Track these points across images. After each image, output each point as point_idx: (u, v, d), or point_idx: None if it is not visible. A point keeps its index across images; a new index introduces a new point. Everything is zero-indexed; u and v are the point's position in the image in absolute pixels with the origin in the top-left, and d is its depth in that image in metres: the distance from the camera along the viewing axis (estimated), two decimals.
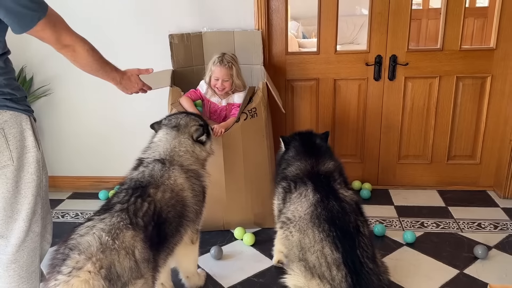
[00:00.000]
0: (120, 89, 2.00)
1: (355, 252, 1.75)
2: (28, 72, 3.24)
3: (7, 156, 1.57)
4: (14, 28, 1.48)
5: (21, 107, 1.61)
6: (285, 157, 2.25)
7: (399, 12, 2.94)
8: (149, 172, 1.78)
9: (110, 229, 1.44)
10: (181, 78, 2.94)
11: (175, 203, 1.76)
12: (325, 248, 1.75)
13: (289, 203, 1.97)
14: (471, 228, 2.75)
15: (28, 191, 1.65)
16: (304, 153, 2.17)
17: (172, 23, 3.01)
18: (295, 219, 1.88)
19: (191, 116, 2.09)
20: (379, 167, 3.33)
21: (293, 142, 2.29)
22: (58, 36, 1.57)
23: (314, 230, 1.79)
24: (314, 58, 3.13)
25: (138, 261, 1.44)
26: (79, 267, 1.31)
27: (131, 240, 1.46)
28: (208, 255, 2.54)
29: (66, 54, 1.66)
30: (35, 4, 1.46)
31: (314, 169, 2.05)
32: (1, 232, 1.65)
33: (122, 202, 1.59)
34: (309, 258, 1.78)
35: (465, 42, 3.02)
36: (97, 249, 1.36)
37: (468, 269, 2.36)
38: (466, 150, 3.21)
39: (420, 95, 3.12)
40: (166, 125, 2.02)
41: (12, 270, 1.68)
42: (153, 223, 1.58)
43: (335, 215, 1.82)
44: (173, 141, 1.94)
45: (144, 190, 1.68)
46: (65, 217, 3.11)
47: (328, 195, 1.89)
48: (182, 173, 1.85)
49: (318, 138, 2.31)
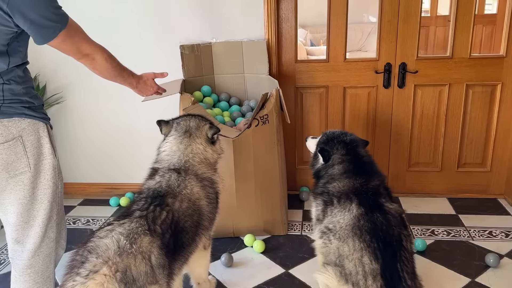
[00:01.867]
0: (136, 92, 2.05)
1: (395, 265, 1.71)
2: (41, 80, 3.30)
3: (25, 163, 1.60)
4: (36, 39, 1.52)
5: (39, 115, 1.65)
6: (328, 172, 2.08)
7: (408, 20, 2.96)
8: (166, 182, 1.79)
9: (128, 233, 1.47)
10: (191, 87, 2.99)
11: (192, 213, 1.77)
12: (364, 257, 1.72)
13: (331, 216, 1.91)
14: (482, 236, 2.74)
15: (44, 197, 1.68)
16: (353, 171, 2.01)
17: (183, 34, 3.06)
18: (336, 229, 1.85)
19: (198, 117, 2.06)
20: (389, 174, 3.32)
21: (336, 155, 2.08)
22: (78, 46, 1.60)
23: (354, 240, 1.76)
24: (324, 66, 3.15)
25: (154, 267, 1.46)
26: (95, 270, 1.34)
27: (148, 246, 1.48)
28: (218, 262, 2.55)
29: (86, 63, 1.69)
30: (57, 16, 1.50)
31: (362, 187, 1.94)
32: (18, 238, 1.68)
33: (141, 209, 1.61)
34: (346, 265, 1.75)
35: (474, 49, 3.02)
36: (114, 253, 1.39)
37: (480, 277, 2.35)
38: (476, 158, 3.20)
39: (429, 103, 3.12)
40: (176, 129, 1.99)
41: (27, 275, 1.70)
42: (170, 231, 1.60)
43: (378, 226, 1.78)
44: (186, 150, 1.93)
45: (163, 199, 1.69)
46: (77, 223, 3.14)
47: (373, 208, 1.84)
48: (198, 182, 1.86)
49: (363, 151, 2.14)
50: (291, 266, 2.52)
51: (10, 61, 1.54)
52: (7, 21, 1.44)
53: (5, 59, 1.52)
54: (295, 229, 2.91)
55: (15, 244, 1.69)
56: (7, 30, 1.47)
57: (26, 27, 1.48)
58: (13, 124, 1.57)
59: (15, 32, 1.51)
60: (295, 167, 3.40)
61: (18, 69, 1.59)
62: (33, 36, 1.52)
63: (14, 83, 1.57)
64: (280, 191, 2.77)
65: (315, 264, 2.47)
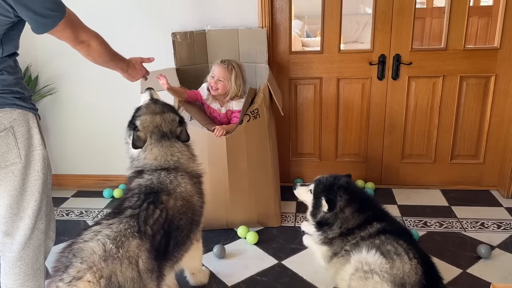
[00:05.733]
0: (126, 77, 2.03)
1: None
2: (33, 71, 3.27)
3: (16, 153, 1.59)
4: (37, 29, 1.53)
5: (28, 105, 1.64)
6: (339, 216, 2.15)
7: (403, 11, 2.94)
8: (157, 179, 1.73)
9: (115, 236, 1.41)
10: (184, 77, 2.94)
11: (186, 210, 1.74)
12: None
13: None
14: (474, 227, 2.75)
15: (34, 188, 1.67)
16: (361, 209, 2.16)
17: (176, 21, 3.02)
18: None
19: (164, 115, 1.91)
20: (383, 166, 3.33)
21: (341, 202, 2.15)
22: (76, 34, 1.63)
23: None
24: (318, 57, 3.13)
25: (141, 272, 1.41)
26: (79, 277, 1.29)
27: (136, 250, 1.43)
28: (211, 253, 2.55)
29: (82, 49, 1.70)
30: (56, 6, 1.53)
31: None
32: (7, 230, 1.67)
33: (133, 207, 1.56)
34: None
35: (469, 41, 3.02)
36: (100, 258, 1.34)
37: (471, 268, 2.36)
38: (469, 150, 3.21)
39: (423, 95, 3.12)
40: (152, 137, 1.85)
41: (18, 268, 1.70)
42: (162, 232, 1.55)
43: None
44: (172, 151, 1.85)
45: (157, 196, 1.65)
46: (70, 215, 3.13)
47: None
48: (189, 179, 1.82)
49: (356, 186, 2.29)
50: (284, 257, 2.53)
51: (4, 50, 1.54)
52: (8, 11, 1.46)
53: None
54: (288, 221, 2.92)
55: (5, 237, 1.68)
56: (6, 20, 1.49)
57: (28, 18, 1.50)
58: (4, 114, 1.56)
59: (13, 22, 1.52)
60: (289, 159, 3.40)
61: (10, 59, 1.59)
62: (34, 26, 1.53)
63: (6, 74, 1.57)
64: (273, 183, 2.77)
65: (307, 255, 2.50)
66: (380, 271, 1.83)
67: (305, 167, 3.39)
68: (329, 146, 3.33)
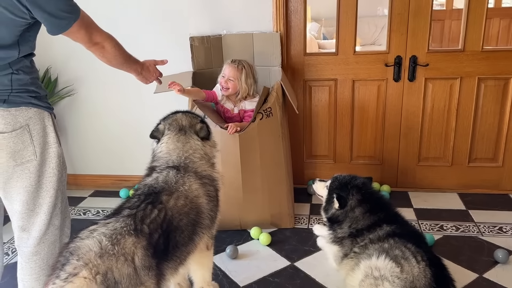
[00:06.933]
0: (140, 79, 2.06)
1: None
2: (53, 72, 3.35)
3: (31, 151, 1.64)
4: (52, 30, 1.58)
5: (44, 104, 1.68)
6: (349, 215, 2.18)
7: (419, 12, 2.91)
8: (163, 178, 1.73)
9: (111, 234, 1.42)
10: (201, 80, 2.98)
11: (188, 211, 1.71)
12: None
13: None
14: (492, 232, 2.70)
15: (49, 185, 1.71)
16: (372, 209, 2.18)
17: (193, 26, 3.07)
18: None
19: (189, 114, 1.99)
20: (399, 169, 3.29)
21: (353, 201, 2.19)
22: (90, 35, 1.66)
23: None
24: (333, 59, 3.12)
25: (137, 268, 1.41)
26: (75, 273, 1.30)
27: (132, 247, 1.43)
28: (224, 254, 2.56)
29: (96, 51, 1.74)
30: (71, 8, 1.57)
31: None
32: (23, 225, 1.71)
33: (131, 207, 1.57)
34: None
35: (489, 42, 2.97)
36: (95, 254, 1.35)
37: (488, 273, 2.32)
38: (488, 153, 3.15)
39: (440, 97, 3.07)
40: (170, 129, 1.92)
41: (33, 262, 1.74)
42: (160, 231, 1.54)
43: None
44: (185, 147, 1.88)
45: (157, 196, 1.64)
46: (87, 214, 3.19)
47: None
48: (198, 179, 1.81)
49: (374, 189, 2.31)
50: (296, 259, 2.52)
51: (21, 50, 1.58)
52: (24, 13, 1.50)
53: (16, 48, 1.57)
54: (302, 223, 2.91)
55: (21, 232, 1.72)
56: (22, 22, 1.53)
57: (43, 19, 1.54)
58: (20, 113, 1.61)
59: (29, 24, 1.56)
60: (303, 160, 3.39)
61: (26, 59, 1.63)
62: (49, 27, 1.57)
63: (22, 73, 1.61)
64: (286, 183, 2.76)
65: (320, 257, 2.48)
66: (391, 276, 1.81)
67: (320, 169, 3.38)
68: (344, 148, 3.31)
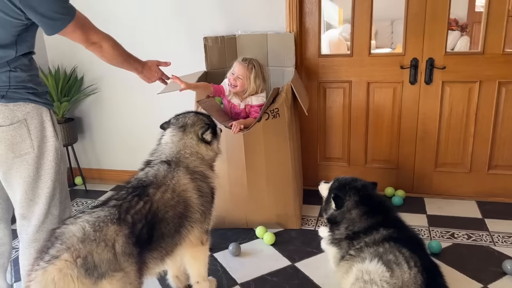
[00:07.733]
0: (142, 78, 2.15)
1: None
2: (79, 72, 3.52)
3: (29, 144, 1.74)
4: (47, 30, 1.67)
5: (42, 100, 1.78)
6: (346, 216, 2.16)
7: (436, 14, 2.84)
8: (154, 172, 1.81)
9: (94, 221, 1.50)
10: (214, 79, 3.04)
11: (175, 204, 1.77)
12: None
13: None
14: (505, 242, 2.58)
15: (47, 176, 1.81)
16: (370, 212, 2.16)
17: (207, 26, 3.14)
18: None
19: (199, 116, 2.09)
20: (415, 174, 3.21)
21: (350, 202, 2.17)
22: (86, 35, 1.75)
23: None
24: (347, 61, 3.10)
25: (117, 254, 1.48)
26: (57, 256, 1.39)
27: (113, 234, 1.50)
28: (227, 251, 2.61)
29: (94, 50, 1.83)
30: (65, 9, 1.66)
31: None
32: (24, 214, 1.83)
33: (119, 199, 1.65)
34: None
35: (510, 45, 2.84)
36: (78, 239, 1.42)
37: (493, 284, 2.22)
38: (509, 160, 3.01)
39: (459, 101, 2.98)
40: (174, 124, 2.03)
41: (32, 249, 1.84)
42: (144, 221, 1.61)
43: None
44: (179, 143, 1.96)
45: (144, 189, 1.71)
46: None
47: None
48: (187, 174, 1.87)
49: (374, 193, 2.26)
50: (298, 259, 2.52)
51: (18, 50, 1.69)
52: (19, 15, 1.60)
53: (13, 48, 1.67)
54: (309, 224, 2.90)
55: (22, 220, 1.84)
56: (18, 23, 1.63)
57: (37, 20, 1.63)
58: (18, 108, 1.71)
59: (25, 24, 1.66)
60: (317, 162, 3.38)
61: (24, 58, 1.73)
62: (44, 28, 1.67)
63: (20, 71, 1.71)
64: (293, 185, 2.76)
65: (322, 259, 2.47)
66: (380, 280, 1.79)
67: (333, 171, 3.35)
68: (358, 151, 3.27)
